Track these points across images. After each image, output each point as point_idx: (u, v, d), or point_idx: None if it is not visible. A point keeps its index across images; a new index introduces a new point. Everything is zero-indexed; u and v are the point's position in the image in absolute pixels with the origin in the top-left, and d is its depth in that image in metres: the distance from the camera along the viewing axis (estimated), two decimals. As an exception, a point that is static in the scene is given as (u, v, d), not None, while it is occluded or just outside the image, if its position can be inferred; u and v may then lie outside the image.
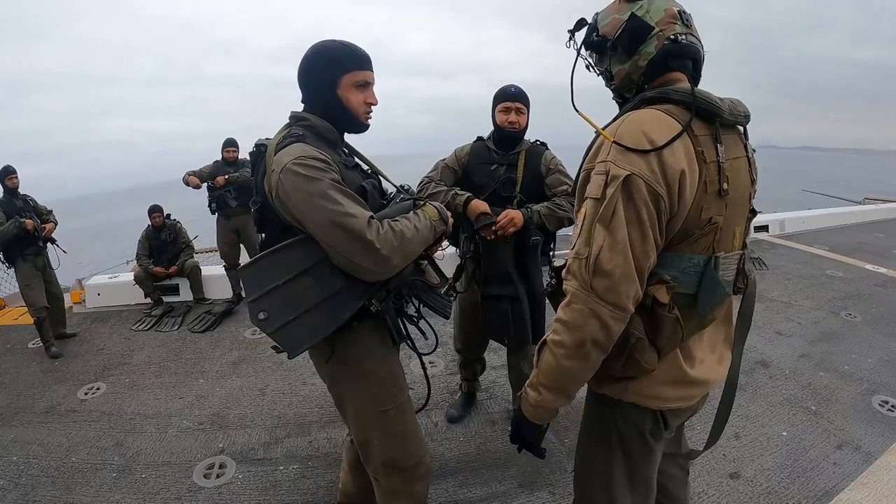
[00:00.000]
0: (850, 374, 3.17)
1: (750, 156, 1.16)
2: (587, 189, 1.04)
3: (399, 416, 1.57)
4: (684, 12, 1.07)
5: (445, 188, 2.22)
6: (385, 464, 1.58)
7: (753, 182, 1.18)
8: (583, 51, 1.16)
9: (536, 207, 2.14)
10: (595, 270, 0.97)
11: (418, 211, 1.44)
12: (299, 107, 1.49)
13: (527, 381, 1.15)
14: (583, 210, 1.03)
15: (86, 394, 3.31)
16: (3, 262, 4.03)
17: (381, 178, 1.60)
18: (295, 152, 1.29)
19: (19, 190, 4.06)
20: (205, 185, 4.75)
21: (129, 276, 5.07)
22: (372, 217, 1.28)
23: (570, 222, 2.16)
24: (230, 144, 4.84)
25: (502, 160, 2.25)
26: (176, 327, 4.42)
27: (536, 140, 2.32)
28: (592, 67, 1.18)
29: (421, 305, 1.61)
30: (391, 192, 1.61)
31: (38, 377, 3.61)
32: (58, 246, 4.30)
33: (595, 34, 1.13)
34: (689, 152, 0.99)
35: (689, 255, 1.06)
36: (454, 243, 2.45)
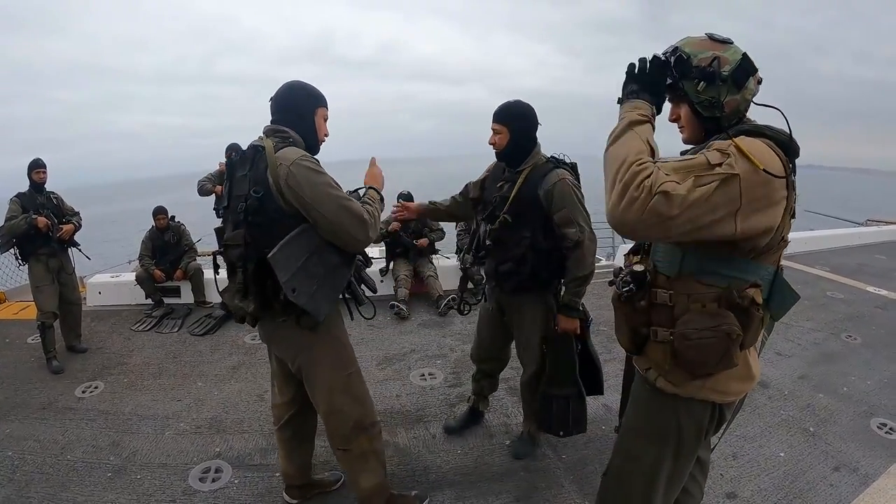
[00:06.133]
0: (850, 396, 3.17)
1: None
2: (702, 154, 1.11)
3: (358, 380, 1.90)
4: None
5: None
6: (354, 426, 1.86)
7: None
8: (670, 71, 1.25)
9: (571, 299, 2.16)
10: (664, 190, 1.04)
11: (369, 197, 1.80)
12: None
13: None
14: (694, 159, 1.10)
15: (83, 392, 3.31)
16: (17, 259, 3.80)
17: None
18: (300, 151, 1.62)
19: (46, 186, 3.79)
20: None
21: (131, 276, 5.09)
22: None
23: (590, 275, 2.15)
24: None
25: (509, 177, 2.23)
26: (176, 329, 4.43)
27: (552, 156, 2.20)
28: (694, 93, 1.23)
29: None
30: None
31: (36, 373, 3.61)
32: (80, 250, 4.02)
33: (710, 66, 1.19)
34: (786, 182, 1.14)
35: (766, 266, 1.24)
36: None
